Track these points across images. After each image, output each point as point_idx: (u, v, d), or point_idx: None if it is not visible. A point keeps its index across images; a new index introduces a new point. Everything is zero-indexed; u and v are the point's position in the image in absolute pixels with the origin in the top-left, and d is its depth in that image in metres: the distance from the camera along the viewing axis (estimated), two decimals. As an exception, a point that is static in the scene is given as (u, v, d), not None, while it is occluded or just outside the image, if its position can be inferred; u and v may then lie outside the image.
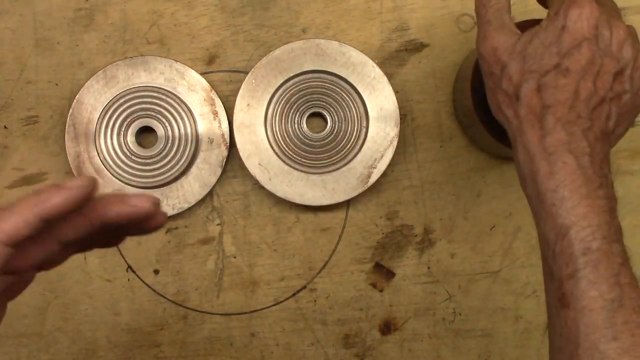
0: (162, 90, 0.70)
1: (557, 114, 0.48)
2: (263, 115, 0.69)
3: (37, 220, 0.39)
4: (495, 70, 0.52)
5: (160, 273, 0.71)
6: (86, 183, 0.39)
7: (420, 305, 0.71)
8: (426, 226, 0.71)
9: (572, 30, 0.50)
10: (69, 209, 0.39)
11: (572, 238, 0.46)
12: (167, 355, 0.71)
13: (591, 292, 0.45)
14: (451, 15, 0.72)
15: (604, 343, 0.43)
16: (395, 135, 0.69)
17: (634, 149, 0.71)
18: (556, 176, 0.47)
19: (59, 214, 0.39)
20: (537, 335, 0.71)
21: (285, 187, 0.69)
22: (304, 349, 0.71)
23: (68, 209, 0.39)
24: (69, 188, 0.39)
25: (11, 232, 0.38)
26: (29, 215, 0.39)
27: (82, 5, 0.72)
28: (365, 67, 0.69)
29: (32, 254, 0.42)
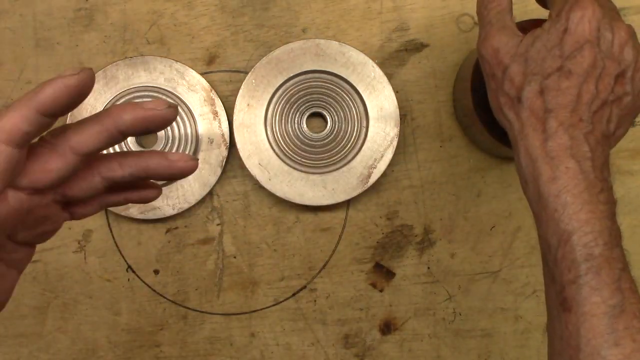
0: (162, 90, 0.70)
1: (559, 118, 0.48)
2: (263, 115, 0.69)
3: (34, 114, 0.37)
4: (497, 72, 0.52)
5: (160, 273, 0.71)
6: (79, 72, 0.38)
7: (420, 305, 0.71)
8: (426, 226, 0.71)
9: (574, 32, 0.50)
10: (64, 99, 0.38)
11: (575, 244, 0.46)
12: (167, 355, 0.71)
13: (593, 298, 0.45)
14: (451, 15, 0.72)
15: (606, 349, 0.44)
16: (395, 135, 0.69)
17: (634, 149, 0.71)
18: (559, 181, 0.47)
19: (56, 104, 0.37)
20: (537, 335, 0.71)
21: (285, 187, 0.69)
22: (304, 349, 0.71)
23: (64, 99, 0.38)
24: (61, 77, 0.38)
25: (10, 129, 0.37)
26: (24, 109, 0.37)
27: (82, 5, 0.71)
28: (365, 67, 0.69)
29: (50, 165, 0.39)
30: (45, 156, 0.39)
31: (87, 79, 0.38)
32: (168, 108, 0.40)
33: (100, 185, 0.42)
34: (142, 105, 0.40)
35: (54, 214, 0.43)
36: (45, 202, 0.41)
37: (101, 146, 0.40)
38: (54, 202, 0.42)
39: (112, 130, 0.40)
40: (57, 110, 0.38)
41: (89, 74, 0.38)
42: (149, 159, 0.43)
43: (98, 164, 0.42)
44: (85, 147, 0.40)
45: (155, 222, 0.71)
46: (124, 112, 0.40)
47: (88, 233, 0.71)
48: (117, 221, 0.71)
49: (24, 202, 0.40)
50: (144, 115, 0.40)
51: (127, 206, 0.69)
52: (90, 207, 0.45)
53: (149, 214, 0.69)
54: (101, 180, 0.42)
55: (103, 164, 0.42)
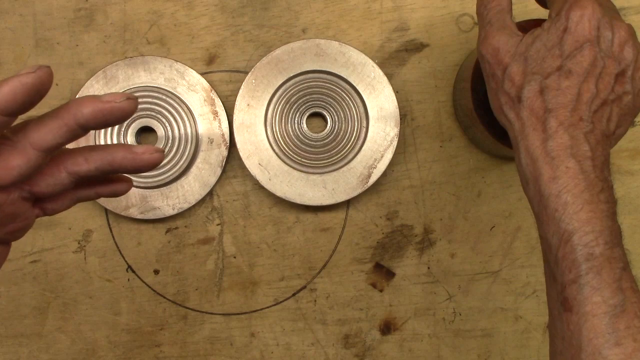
0: (162, 90, 0.70)
1: (559, 117, 0.48)
2: (263, 115, 0.69)
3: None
4: (497, 72, 0.52)
5: (160, 273, 0.71)
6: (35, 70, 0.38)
7: (420, 305, 0.71)
8: (426, 226, 0.71)
9: (574, 32, 0.50)
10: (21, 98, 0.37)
11: (575, 244, 0.46)
12: (167, 355, 0.71)
13: (594, 298, 0.45)
14: (451, 15, 0.72)
15: (607, 348, 0.44)
16: (395, 135, 0.69)
17: (634, 149, 0.71)
18: (559, 181, 0.47)
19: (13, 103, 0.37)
20: (537, 335, 0.71)
21: (285, 187, 0.69)
22: (304, 349, 0.71)
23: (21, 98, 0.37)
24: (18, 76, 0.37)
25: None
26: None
27: (82, 5, 0.72)
28: (365, 67, 0.69)
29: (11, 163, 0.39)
30: (6, 154, 0.39)
31: (44, 77, 0.38)
32: (126, 100, 0.40)
33: (67, 180, 0.42)
34: (100, 98, 0.40)
35: (24, 211, 0.43)
36: (11, 200, 0.41)
37: (62, 141, 0.40)
38: (21, 199, 0.42)
39: (72, 124, 0.40)
40: (14, 109, 0.38)
41: (46, 72, 0.38)
42: (115, 153, 0.42)
43: (64, 159, 0.42)
44: (45, 143, 0.39)
45: (155, 222, 0.71)
46: (82, 105, 0.40)
47: (88, 233, 0.71)
48: (117, 221, 0.71)
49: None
50: (102, 108, 0.40)
51: (127, 206, 0.69)
52: (60, 202, 0.45)
53: (149, 214, 0.69)
54: (67, 176, 0.42)
55: (68, 158, 0.42)
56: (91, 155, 0.42)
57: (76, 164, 0.42)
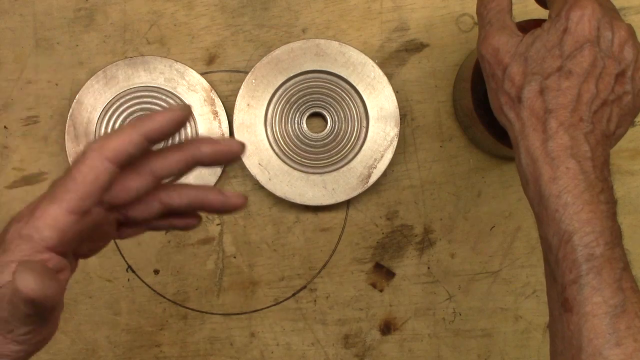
0: (162, 90, 0.70)
1: (559, 118, 0.48)
2: (263, 115, 0.69)
3: (141, 138, 0.41)
4: (497, 72, 0.52)
5: (160, 273, 0.71)
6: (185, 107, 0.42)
7: (420, 305, 0.71)
8: (426, 226, 0.71)
9: (574, 32, 0.50)
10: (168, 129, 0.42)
11: (576, 244, 0.46)
12: (167, 355, 0.71)
13: (595, 298, 0.45)
14: (451, 15, 0.72)
15: (608, 349, 0.44)
16: (395, 135, 0.69)
17: (634, 149, 0.71)
18: (559, 181, 0.47)
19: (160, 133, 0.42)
20: (537, 335, 0.71)
21: (285, 187, 0.69)
22: (304, 349, 0.71)
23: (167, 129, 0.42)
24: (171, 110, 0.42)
25: (118, 149, 0.41)
26: (134, 134, 0.41)
27: (82, 5, 0.71)
28: (365, 67, 0.69)
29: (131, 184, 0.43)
30: (128, 176, 0.43)
31: (189, 115, 0.43)
32: (240, 144, 0.44)
33: (157, 210, 0.45)
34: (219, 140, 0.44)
35: (111, 232, 0.45)
36: (111, 219, 0.44)
37: (178, 173, 0.44)
38: (115, 220, 0.45)
39: (190, 159, 0.44)
40: (160, 138, 0.41)
41: (189, 110, 0.43)
42: (207, 193, 0.46)
43: (160, 191, 0.45)
44: (165, 172, 0.44)
45: (155, 222, 0.71)
46: (204, 144, 0.44)
47: (88, 233, 0.71)
48: (117, 221, 0.71)
49: (100, 216, 0.42)
50: (221, 150, 0.44)
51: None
52: (139, 229, 0.47)
53: (149, 214, 0.69)
54: (159, 206, 0.45)
55: (164, 191, 0.45)
56: (185, 192, 0.46)
57: (170, 197, 0.45)
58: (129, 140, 0.41)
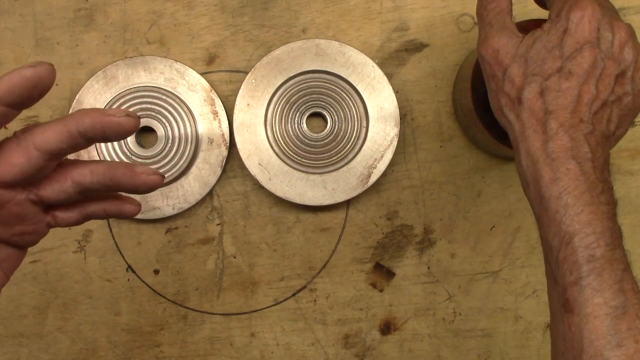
0: (162, 90, 0.70)
1: (560, 119, 0.48)
2: (263, 115, 0.69)
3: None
4: (497, 73, 0.52)
5: (160, 273, 0.71)
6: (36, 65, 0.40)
7: (420, 305, 0.71)
8: (426, 226, 0.71)
9: (574, 33, 0.49)
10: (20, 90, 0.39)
11: (576, 245, 0.46)
12: (167, 355, 0.71)
13: (595, 300, 0.45)
14: (451, 15, 0.72)
15: (609, 350, 0.44)
16: (395, 135, 0.69)
17: (634, 149, 0.71)
18: (560, 183, 0.47)
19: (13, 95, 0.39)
20: (537, 335, 0.71)
21: (285, 187, 0.69)
22: (304, 349, 0.71)
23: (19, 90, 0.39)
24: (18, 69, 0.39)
25: None
26: None
27: (82, 5, 0.71)
28: (365, 67, 0.69)
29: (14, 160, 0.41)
30: (10, 151, 0.41)
31: (43, 73, 0.40)
32: (126, 116, 0.42)
33: (72, 189, 0.44)
34: (104, 111, 0.42)
35: (33, 215, 0.44)
36: (18, 200, 0.43)
37: (63, 146, 0.42)
38: (30, 202, 0.44)
39: (74, 131, 0.42)
40: (13, 100, 0.40)
41: (46, 67, 0.40)
42: (116, 169, 0.44)
43: (70, 169, 0.44)
44: (47, 145, 0.41)
45: (155, 222, 0.71)
46: (85, 115, 0.42)
47: (88, 233, 0.71)
48: (117, 221, 0.71)
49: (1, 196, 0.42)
50: (102, 120, 0.42)
51: (127, 206, 0.69)
52: (71, 213, 0.46)
53: (149, 214, 0.69)
54: (72, 185, 0.44)
55: (74, 169, 0.44)
56: (95, 168, 0.44)
57: (81, 175, 0.44)
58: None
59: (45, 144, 0.41)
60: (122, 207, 0.48)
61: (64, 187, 0.44)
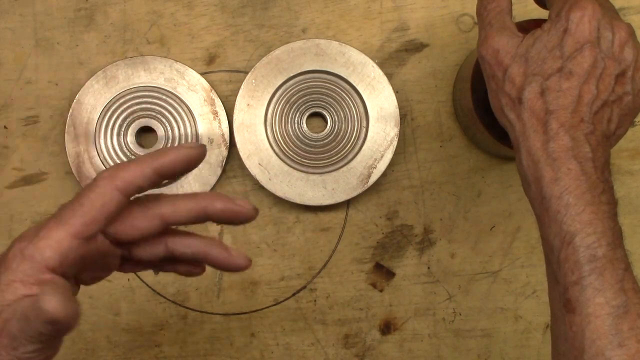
0: (162, 90, 0.70)
1: (560, 119, 0.48)
2: (263, 115, 0.69)
3: (152, 172, 0.42)
4: (498, 73, 0.52)
5: (161, 273, 0.71)
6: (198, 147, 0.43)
7: (420, 305, 0.71)
8: (426, 226, 0.71)
9: (574, 32, 0.50)
10: (180, 166, 0.43)
11: (578, 245, 0.46)
12: (167, 355, 0.71)
13: (597, 299, 0.45)
14: (451, 15, 0.72)
15: (610, 350, 0.44)
16: (395, 135, 0.69)
17: (634, 149, 0.71)
18: (561, 182, 0.47)
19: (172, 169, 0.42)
20: (537, 335, 0.71)
21: (285, 187, 0.69)
22: (304, 349, 0.71)
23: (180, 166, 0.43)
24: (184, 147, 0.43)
25: (129, 180, 0.41)
26: (145, 166, 0.42)
27: (82, 5, 0.71)
28: (365, 67, 0.69)
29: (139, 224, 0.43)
30: (137, 215, 0.43)
31: (203, 154, 0.43)
32: (253, 209, 0.45)
33: (162, 253, 0.45)
34: (234, 200, 0.44)
35: (114, 264, 0.45)
36: (116, 253, 0.44)
37: (187, 222, 0.44)
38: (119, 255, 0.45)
39: (201, 212, 0.44)
40: (171, 174, 0.43)
41: (204, 149, 0.44)
42: (212, 248, 0.45)
43: (167, 236, 0.45)
44: (173, 219, 0.43)
45: (155, 222, 0.71)
46: (217, 200, 0.44)
47: (88, 233, 0.71)
48: (117, 221, 0.71)
49: (105, 247, 0.43)
50: (233, 210, 0.44)
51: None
52: (141, 267, 0.47)
53: (149, 214, 0.69)
54: (164, 250, 0.45)
55: (171, 237, 0.45)
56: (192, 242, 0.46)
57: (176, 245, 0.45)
58: (140, 172, 0.42)
59: (172, 217, 0.43)
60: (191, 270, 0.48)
61: (156, 251, 0.45)
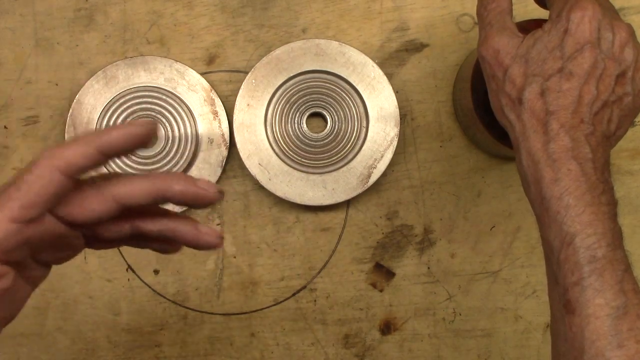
0: (162, 90, 0.70)
1: (560, 120, 0.48)
2: (263, 115, 0.69)
3: (95, 151, 0.40)
4: (498, 73, 0.52)
5: (160, 273, 0.71)
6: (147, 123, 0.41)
7: (420, 305, 0.71)
8: (426, 226, 0.71)
9: (574, 33, 0.49)
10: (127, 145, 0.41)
11: (578, 246, 0.46)
12: (167, 355, 0.71)
13: (597, 300, 0.45)
14: (451, 15, 0.72)
15: (610, 350, 0.44)
16: (395, 135, 0.69)
17: (634, 149, 0.71)
18: (561, 183, 0.47)
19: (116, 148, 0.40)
20: (537, 335, 0.71)
21: (285, 187, 0.69)
22: (304, 349, 0.71)
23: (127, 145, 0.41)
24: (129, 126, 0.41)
25: (69, 160, 0.39)
26: (87, 146, 0.40)
27: (82, 5, 0.71)
28: (365, 67, 0.69)
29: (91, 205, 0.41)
30: (90, 196, 0.41)
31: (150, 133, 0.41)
32: (217, 193, 0.43)
33: (128, 232, 0.44)
34: (196, 181, 0.42)
35: (79, 244, 0.45)
36: (76, 234, 0.43)
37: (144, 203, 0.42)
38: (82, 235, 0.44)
39: (158, 194, 0.42)
40: (116, 153, 0.40)
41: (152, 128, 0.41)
42: (180, 225, 0.44)
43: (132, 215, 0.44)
44: (129, 200, 0.42)
45: (155, 222, 0.71)
46: (176, 182, 0.42)
47: (88, 233, 0.71)
48: (117, 221, 0.71)
49: (57, 229, 0.41)
50: (194, 192, 0.42)
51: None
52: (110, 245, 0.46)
53: (149, 214, 0.69)
54: (130, 229, 0.44)
55: (139, 216, 0.44)
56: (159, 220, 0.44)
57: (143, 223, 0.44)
58: (82, 152, 0.39)
59: (127, 198, 0.41)
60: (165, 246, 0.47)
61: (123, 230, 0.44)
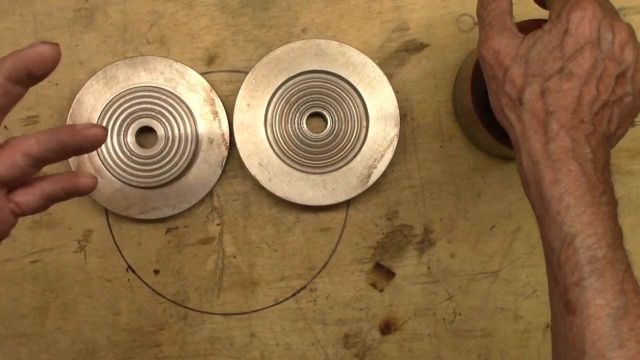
0: (162, 90, 0.70)
1: (561, 120, 0.48)
2: (263, 115, 0.69)
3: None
4: (498, 74, 0.52)
5: (160, 273, 0.71)
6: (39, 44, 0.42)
7: (420, 305, 0.71)
8: (426, 226, 0.71)
9: (574, 33, 0.49)
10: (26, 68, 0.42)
11: (578, 246, 0.46)
12: (167, 355, 0.71)
13: (597, 300, 0.45)
14: (451, 15, 0.72)
15: (611, 351, 0.44)
16: (395, 135, 0.69)
17: (634, 149, 0.71)
18: (561, 184, 0.47)
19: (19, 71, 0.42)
20: (537, 335, 0.71)
21: (285, 187, 0.69)
22: (304, 349, 0.71)
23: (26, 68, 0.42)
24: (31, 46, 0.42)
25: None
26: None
27: (82, 5, 0.71)
28: (365, 67, 0.69)
29: None
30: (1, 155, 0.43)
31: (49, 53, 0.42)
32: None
33: (23, 162, 0.45)
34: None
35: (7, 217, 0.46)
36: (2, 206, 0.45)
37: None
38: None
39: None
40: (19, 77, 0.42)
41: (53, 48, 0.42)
42: (59, 132, 0.45)
43: (18, 142, 0.45)
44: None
45: (155, 222, 0.71)
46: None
47: (88, 233, 0.71)
48: (117, 221, 0.71)
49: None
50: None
51: (127, 206, 0.69)
52: (30, 196, 0.47)
53: (149, 214, 0.69)
54: (22, 157, 0.45)
55: (22, 141, 0.45)
56: (40, 136, 0.45)
57: (28, 146, 0.45)
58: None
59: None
60: (77, 181, 0.48)
61: (15, 161, 0.44)
